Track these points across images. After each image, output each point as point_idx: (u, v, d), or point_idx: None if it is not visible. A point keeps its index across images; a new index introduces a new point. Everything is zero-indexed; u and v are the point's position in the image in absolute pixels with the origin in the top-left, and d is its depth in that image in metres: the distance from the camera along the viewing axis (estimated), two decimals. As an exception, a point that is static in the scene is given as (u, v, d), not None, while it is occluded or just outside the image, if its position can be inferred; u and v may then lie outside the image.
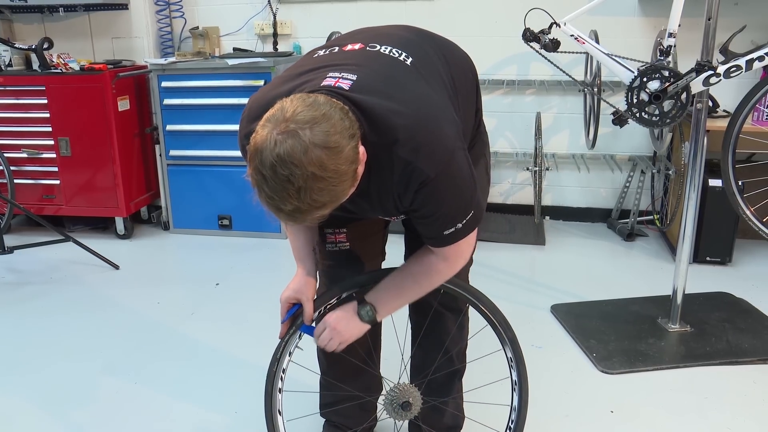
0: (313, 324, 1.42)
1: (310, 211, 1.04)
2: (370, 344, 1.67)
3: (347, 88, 1.13)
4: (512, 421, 1.54)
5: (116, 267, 3.20)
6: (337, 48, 1.29)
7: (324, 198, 1.03)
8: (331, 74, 1.17)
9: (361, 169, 1.09)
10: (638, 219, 3.54)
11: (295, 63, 1.33)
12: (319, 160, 1.00)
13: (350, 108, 1.10)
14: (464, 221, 1.23)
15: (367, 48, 1.26)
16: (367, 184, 1.17)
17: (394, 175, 1.16)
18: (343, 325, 1.36)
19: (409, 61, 1.25)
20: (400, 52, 1.26)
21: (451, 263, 1.34)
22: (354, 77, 1.15)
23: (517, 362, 1.50)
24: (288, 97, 1.08)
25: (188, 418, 1.99)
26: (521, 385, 1.51)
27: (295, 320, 1.44)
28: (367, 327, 1.38)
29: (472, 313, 1.55)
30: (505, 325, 1.49)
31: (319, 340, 1.39)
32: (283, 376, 1.48)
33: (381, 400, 1.53)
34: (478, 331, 1.61)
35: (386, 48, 1.27)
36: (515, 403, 1.53)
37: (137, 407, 2.04)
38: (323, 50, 1.32)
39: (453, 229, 1.24)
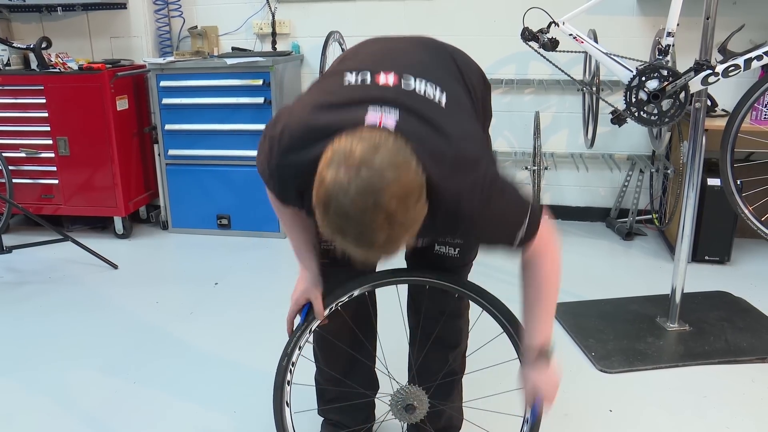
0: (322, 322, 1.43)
1: (400, 236, 1.03)
2: (366, 342, 1.68)
3: (392, 128, 1.11)
4: None
5: (115, 266, 3.19)
6: (369, 78, 1.23)
7: (410, 217, 1.03)
8: (371, 109, 1.14)
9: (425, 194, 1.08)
10: (637, 218, 3.54)
11: (322, 81, 1.29)
12: (396, 179, 1.00)
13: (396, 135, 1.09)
14: (526, 222, 1.23)
15: (402, 86, 1.21)
16: None
17: (437, 218, 1.15)
18: (545, 382, 1.36)
19: (443, 102, 1.22)
20: (434, 90, 1.23)
21: (547, 255, 1.32)
22: (396, 115, 1.13)
23: None
24: (332, 138, 1.07)
25: (187, 417, 1.98)
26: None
27: (309, 318, 1.46)
28: (554, 365, 1.38)
29: (486, 318, 1.53)
30: (522, 336, 1.43)
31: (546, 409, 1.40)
32: (292, 369, 1.49)
33: (388, 400, 1.52)
34: (494, 338, 1.57)
35: (421, 84, 1.22)
36: (528, 414, 1.46)
37: (136, 406, 2.04)
38: (353, 75, 1.25)
39: (521, 235, 1.23)
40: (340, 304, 1.48)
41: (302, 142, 1.15)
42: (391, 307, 1.69)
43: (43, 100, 3.44)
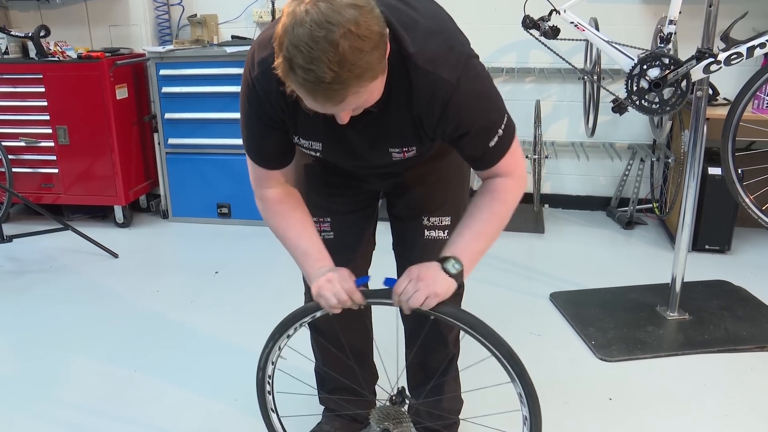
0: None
1: (349, 81, 1.00)
2: (359, 339, 1.68)
3: None
4: None
5: (115, 255, 3.20)
6: None
7: (361, 63, 0.99)
8: None
9: (386, 53, 1.05)
10: (637, 207, 3.54)
11: None
12: (353, 18, 0.97)
13: None
14: (503, 126, 1.23)
15: None
16: (386, 103, 1.14)
17: (413, 91, 1.15)
18: (430, 276, 1.22)
19: None
20: None
21: (516, 177, 1.29)
22: None
23: (528, 398, 1.28)
24: None
25: (188, 405, 1.99)
26: (533, 422, 1.30)
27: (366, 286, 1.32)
28: (454, 284, 1.24)
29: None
30: (511, 360, 1.25)
31: (402, 294, 1.23)
32: (270, 381, 1.48)
33: (371, 414, 1.47)
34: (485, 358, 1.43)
35: None
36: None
37: (137, 395, 2.05)
38: None
39: (497, 138, 1.22)
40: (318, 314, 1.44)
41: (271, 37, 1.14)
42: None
43: (42, 89, 3.43)
